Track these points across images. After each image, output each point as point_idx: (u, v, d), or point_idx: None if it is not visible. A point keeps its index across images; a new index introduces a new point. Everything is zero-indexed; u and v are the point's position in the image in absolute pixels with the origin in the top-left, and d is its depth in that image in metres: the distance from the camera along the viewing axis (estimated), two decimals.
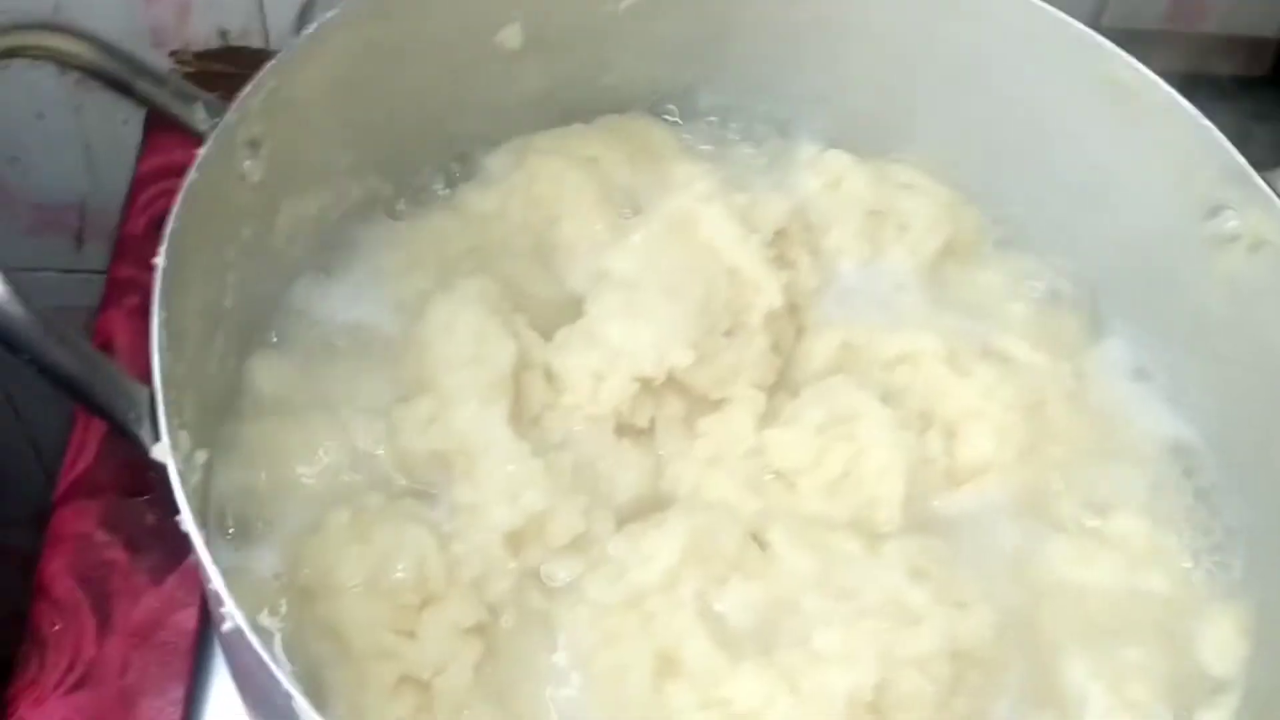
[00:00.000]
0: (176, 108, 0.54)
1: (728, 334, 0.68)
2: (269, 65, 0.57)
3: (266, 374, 0.64)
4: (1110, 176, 0.70)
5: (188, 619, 0.72)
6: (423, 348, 0.64)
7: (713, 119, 0.79)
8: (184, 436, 0.50)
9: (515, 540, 0.60)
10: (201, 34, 1.08)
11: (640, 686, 0.56)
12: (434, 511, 0.61)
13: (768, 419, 0.67)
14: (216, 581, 0.43)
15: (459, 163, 0.75)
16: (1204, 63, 1.05)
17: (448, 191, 0.74)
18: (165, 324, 0.48)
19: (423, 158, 0.73)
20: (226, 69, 1.07)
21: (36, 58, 0.48)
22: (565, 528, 0.60)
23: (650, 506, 0.65)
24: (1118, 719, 0.59)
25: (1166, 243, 0.68)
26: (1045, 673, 0.61)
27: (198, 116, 0.55)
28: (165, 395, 0.46)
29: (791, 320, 0.71)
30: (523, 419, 0.64)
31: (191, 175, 0.53)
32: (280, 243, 0.65)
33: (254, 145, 0.58)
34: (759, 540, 0.62)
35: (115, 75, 0.51)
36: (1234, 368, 0.66)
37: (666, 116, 0.79)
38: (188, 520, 0.45)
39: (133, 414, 0.46)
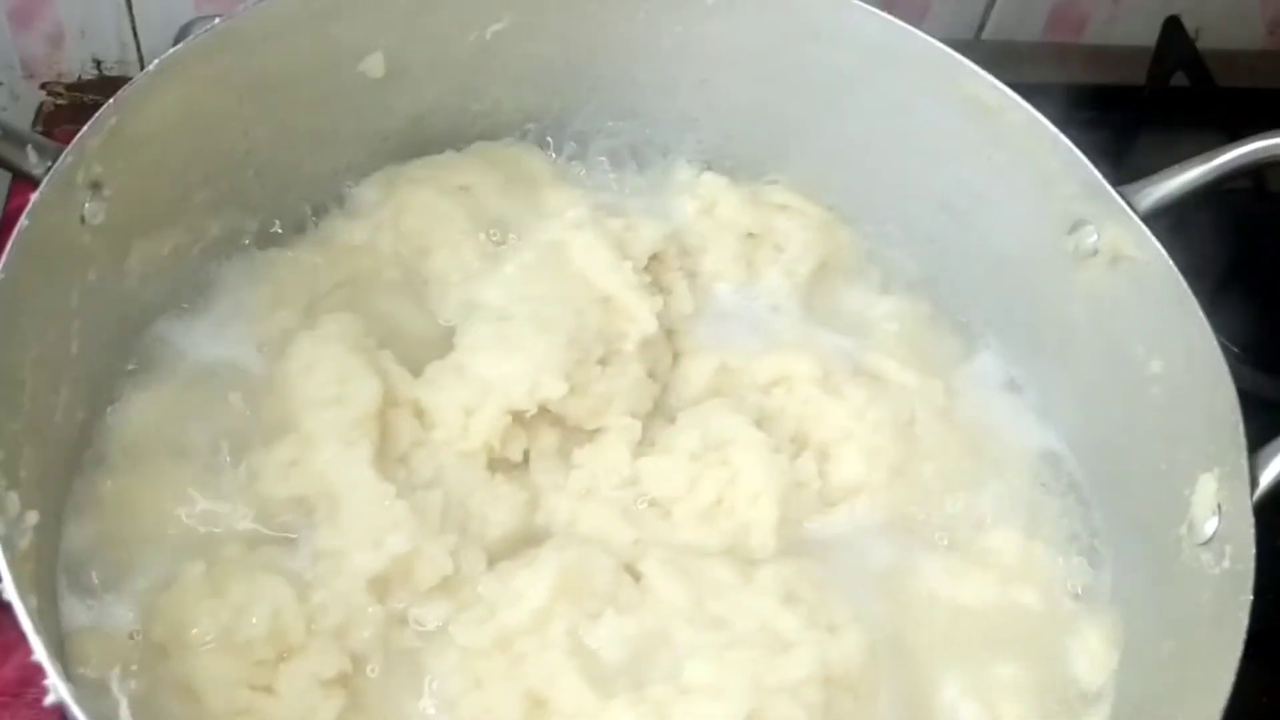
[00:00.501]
0: (6, 151, 0.52)
1: (602, 363, 0.67)
2: (109, 103, 0.55)
3: (120, 423, 0.62)
4: (976, 194, 0.71)
5: None
6: (284, 389, 0.63)
7: (586, 144, 0.79)
8: (12, 498, 0.48)
9: (379, 585, 0.59)
10: (75, 64, 1.05)
11: None
12: (295, 559, 0.59)
13: (644, 447, 0.67)
14: (39, 652, 0.41)
15: (326, 195, 0.73)
16: (1084, 73, 1.07)
17: (314, 224, 0.73)
18: None
19: (287, 191, 0.71)
20: (100, 99, 1.04)
21: None
22: (433, 570, 0.59)
23: (524, 542, 0.64)
24: None
25: (1032, 258, 0.69)
26: (918, 694, 0.61)
27: (30, 160, 0.53)
28: None
29: (667, 346, 0.71)
30: (390, 458, 0.63)
31: (23, 222, 0.51)
32: (133, 284, 0.63)
33: (96, 186, 0.56)
34: (633, 572, 0.62)
35: None
36: (1096, 379, 0.67)
37: (539, 143, 0.78)
38: (9, 589, 0.43)
39: None
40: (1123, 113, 1.03)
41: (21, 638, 0.74)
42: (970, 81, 0.67)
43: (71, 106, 1.07)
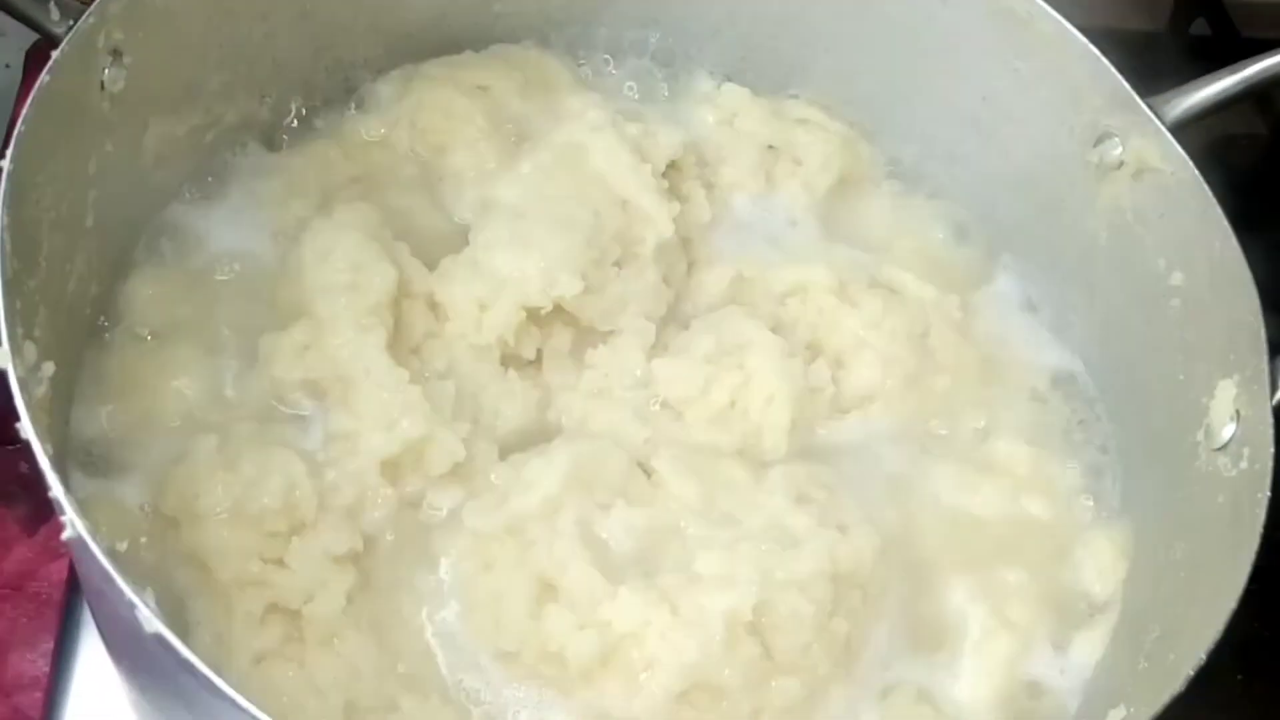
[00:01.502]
0: (28, 7, 0.51)
1: (617, 265, 0.66)
2: None
3: (134, 300, 0.62)
4: (1001, 108, 0.70)
5: (59, 570, 0.70)
6: (298, 274, 0.62)
7: (607, 51, 0.78)
8: (30, 348, 0.47)
9: (392, 468, 0.58)
10: None
11: (519, 610, 0.55)
12: (308, 440, 0.59)
13: (657, 350, 0.66)
14: (55, 488, 0.41)
15: (343, 88, 0.73)
16: (1104, 17, 1.06)
17: (331, 118, 0.72)
18: (9, 229, 0.46)
19: (304, 82, 0.71)
20: None
21: None
22: (445, 455, 0.59)
23: (536, 438, 0.63)
24: (997, 639, 0.59)
25: (1055, 173, 0.69)
26: (926, 596, 0.61)
27: (50, 17, 0.52)
28: (7, 302, 0.44)
29: (683, 253, 0.71)
30: (403, 348, 0.62)
31: (44, 78, 0.50)
32: (149, 163, 0.62)
33: (116, 54, 0.55)
34: (644, 468, 0.62)
35: None
36: (1114, 295, 0.67)
37: (559, 47, 0.77)
38: (27, 426, 0.42)
39: None
40: (1142, 59, 1.02)
41: (20, 533, 0.74)
42: None
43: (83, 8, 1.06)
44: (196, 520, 0.54)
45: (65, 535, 0.41)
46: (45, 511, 0.73)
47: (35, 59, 0.98)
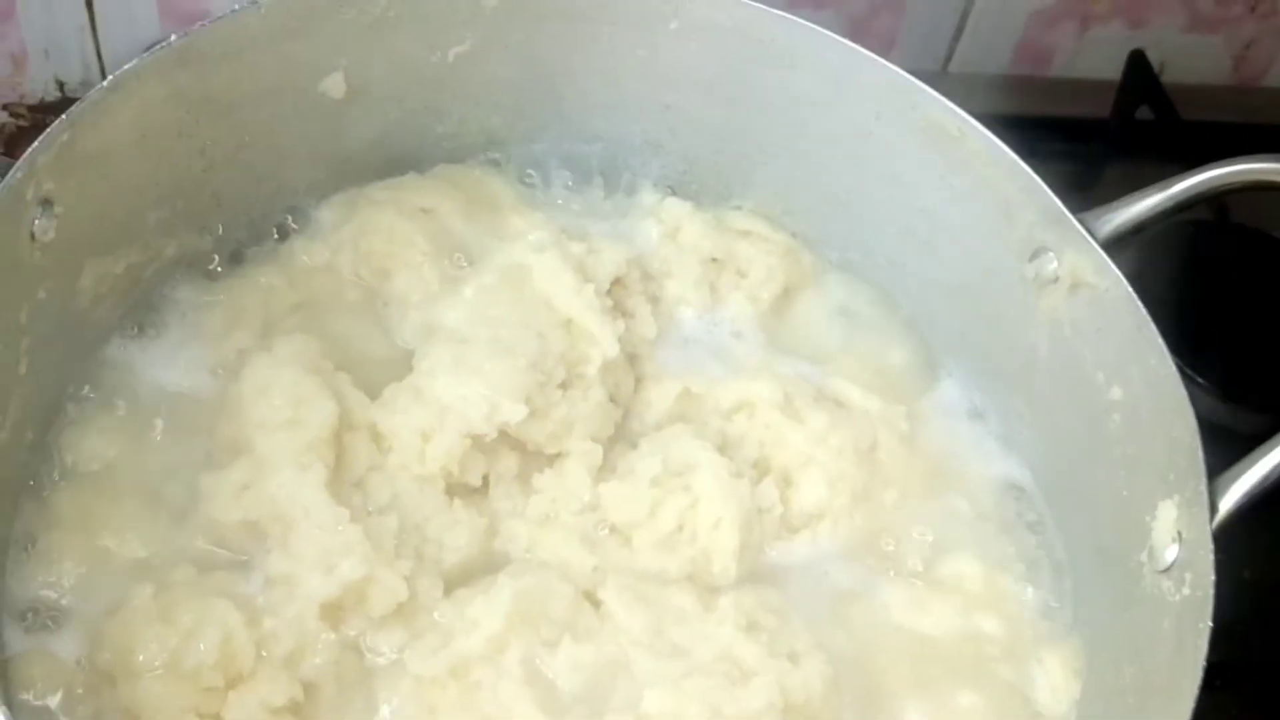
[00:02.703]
0: None
1: (563, 386, 0.66)
2: (60, 119, 0.55)
3: (70, 446, 0.61)
4: (938, 220, 0.71)
5: None
6: (237, 411, 0.62)
7: (549, 168, 0.78)
8: None
9: (332, 612, 0.58)
10: (38, 85, 1.04)
11: None
12: (247, 584, 0.58)
13: (604, 472, 0.66)
14: None
15: (285, 216, 0.73)
16: (1051, 106, 1.08)
17: (273, 245, 0.72)
18: None
19: (245, 212, 0.71)
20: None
21: None
22: (387, 596, 0.58)
23: (482, 568, 0.63)
24: None
25: (993, 284, 0.69)
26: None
27: None
28: None
29: (630, 370, 0.71)
30: (345, 482, 0.62)
31: None
32: (85, 304, 0.62)
33: (46, 203, 0.55)
34: (592, 599, 0.61)
35: None
36: (1057, 406, 0.67)
37: (503, 166, 0.77)
38: None
39: None
40: (1089, 145, 1.04)
41: None
42: (931, 108, 0.67)
43: (34, 128, 1.06)
44: (132, 676, 0.53)
45: None
46: None
47: None
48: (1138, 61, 1.09)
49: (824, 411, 0.68)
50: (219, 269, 0.70)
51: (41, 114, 1.07)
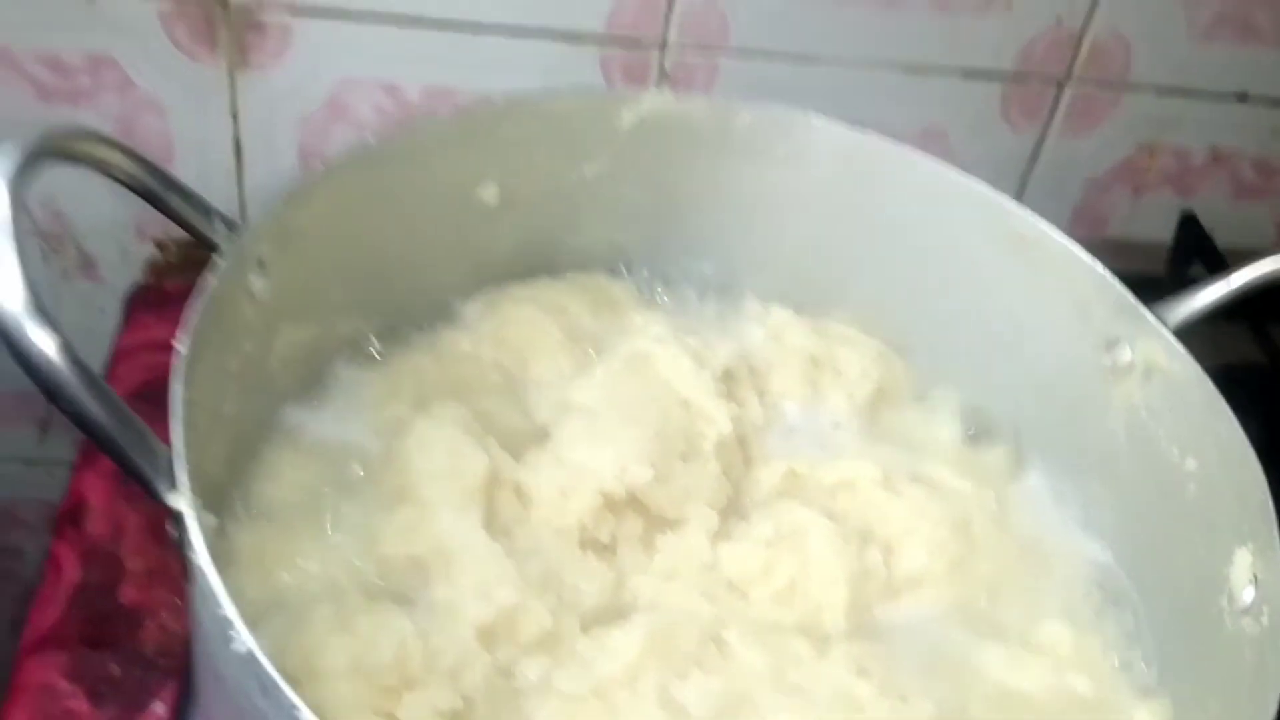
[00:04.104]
0: (197, 221, 0.60)
1: (682, 458, 0.74)
2: (281, 195, 0.64)
3: (255, 487, 0.68)
4: (1020, 322, 0.79)
5: None
6: (401, 462, 0.70)
7: (667, 278, 0.88)
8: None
9: (488, 635, 0.63)
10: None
11: None
12: (412, 611, 0.65)
13: (720, 536, 0.73)
14: (227, 607, 0.47)
15: (438, 308, 0.82)
16: (1107, 264, 1.18)
17: (425, 334, 0.81)
18: (185, 403, 0.53)
19: (404, 302, 0.80)
20: (207, 256, 1.16)
21: (83, 162, 0.55)
22: (535, 624, 0.64)
23: (613, 615, 0.69)
24: None
25: (1073, 378, 0.76)
26: None
27: (216, 231, 0.61)
28: (186, 454, 0.51)
29: (740, 451, 0.78)
30: (495, 529, 0.69)
31: (210, 280, 0.59)
32: (275, 365, 0.70)
33: (262, 265, 0.64)
34: (716, 640, 0.67)
35: (148, 187, 0.58)
36: (1136, 484, 0.73)
37: (625, 275, 0.87)
38: (203, 557, 0.49)
39: (151, 468, 0.51)
40: (1143, 299, 1.11)
41: None
42: (1012, 219, 0.76)
43: (181, 262, 1.18)
44: (316, 677, 0.59)
45: (234, 646, 0.46)
46: (132, 710, 0.79)
47: (135, 303, 1.09)
48: (1189, 222, 1.19)
49: (920, 489, 0.75)
50: (379, 351, 0.79)
51: (189, 249, 1.19)
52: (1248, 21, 1.15)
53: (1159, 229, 1.24)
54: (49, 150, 0.52)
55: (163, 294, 1.13)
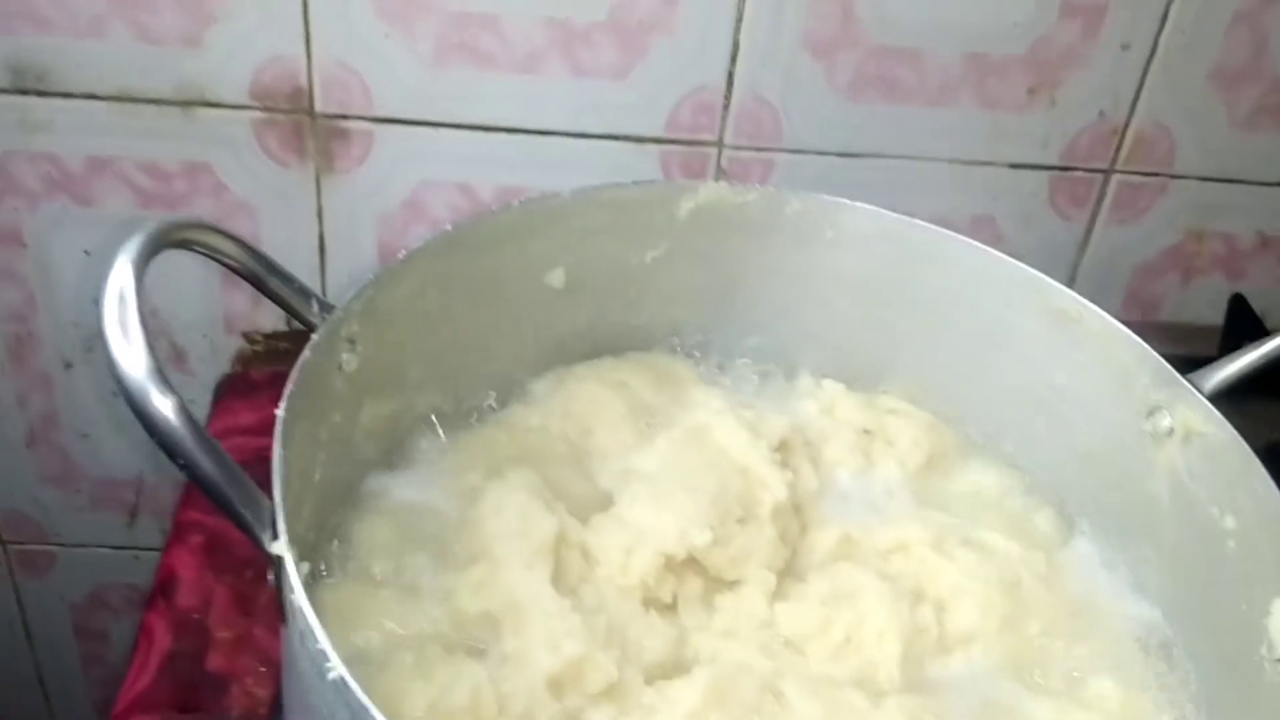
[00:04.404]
0: (297, 303, 0.66)
1: (740, 522, 0.78)
2: (371, 278, 0.71)
3: (340, 545, 0.73)
4: (1063, 392, 0.82)
5: None
6: (476, 525, 0.74)
7: (723, 356, 0.93)
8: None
9: (556, 684, 0.67)
10: (270, 320, 1.23)
11: None
12: (485, 662, 0.69)
13: (777, 597, 0.76)
14: (323, 640, 0.51)
15: (509, 386, 0.87)
16: (1160, 346, 1.21)
17: (496, 410, 0.87)
18: (283, 461, 0.59)
19: (477, 380, 0.85)
20: (290, 347, 1.23)
21: (197, 248, 0.61)
22: (601, 675, 0.68)
23: (674, 669, 0.72)
24: None
25: (1116, 445, 0.80)
26: None
27: (313, 311, 0.67)
28: (284, 505, 0.56)
29: (796, 517, 0.82)
30: (562, 588, 0.73)
31: (306, 354, 0.65)
32: (359, 437, 0.76)
33: (351, 342, 0.70)
34: (774, 692, 0.70)
35: (253, 272, 0.64)
36: (1180, 545, 0.75)
37: (683, 353, 0.92)
38: (301, 596, 0.53)
39: (256, 520, 0.56)
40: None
41: None
42: (1054, 296, 0.80)
43: (267, 352, 1.26)
44: (397, 719, 0.63)
45: (331, 676, 0.51)
46: None
47: (224, 391, 1.16)
48: (1239, 303, 1.21)
49: (971, 551, 0.78)
50: (452, 426, 0.85)
51: (275, 340, 1.26)
52: None
53: (1210, 313, 1.27)
54: (167, 238, 0.59)
55: (249, 382, 1.20)
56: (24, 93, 1.09)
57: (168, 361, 1.28)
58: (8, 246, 1.17)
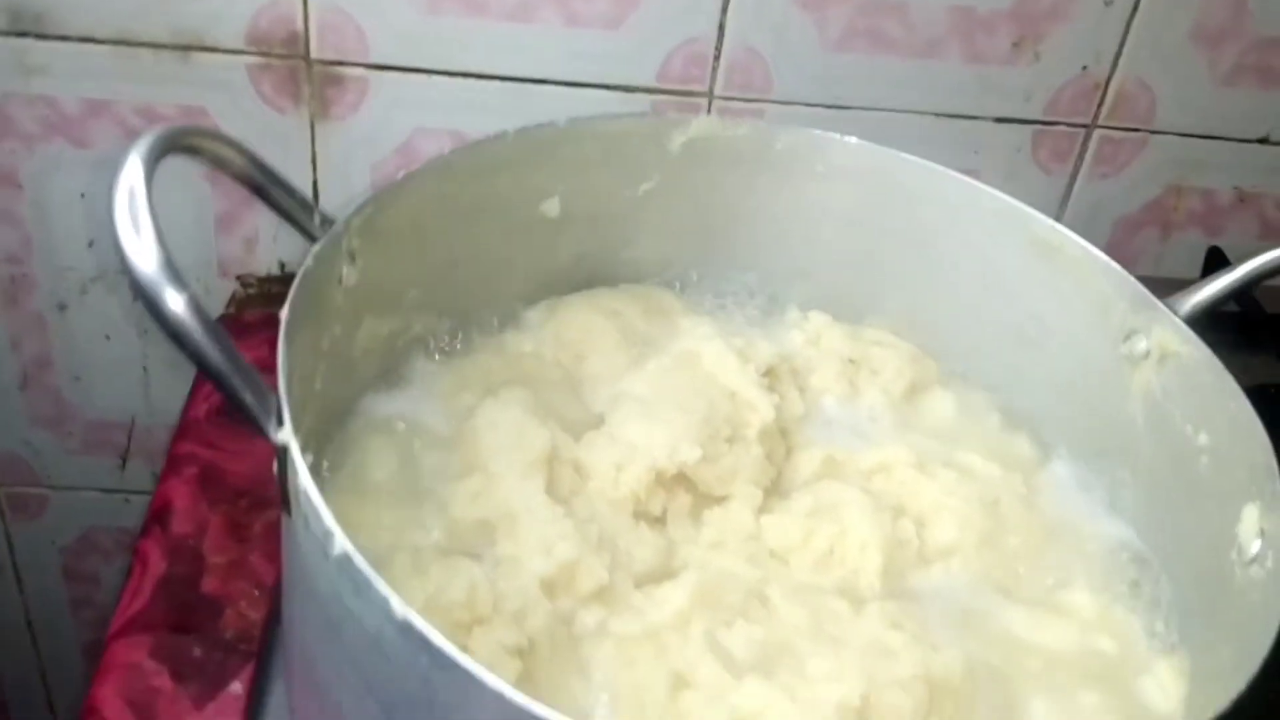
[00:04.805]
0: (298, 215, 0.68)
1: (728, 441, 0.80)
2: (369, 195, 0.72)
3: (339, 460, 0.75)
4: (1044, 321, 0.85)
5: None
6: (471, 439, 0.76)
7: (713, 290, 0.95)
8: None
9: (549, 586, 0.69)
10: (264, 264, 1.25)
11: (659, 696, 0.64)
12: (480, 565, 0.71)
13: (764, 511, 0.78)
14: (326, 518, 0.53)
15: (503, 314, 0.89)
16: None
17: (491, 337, 0.88)
18: (286, 358, 0.60)
19: (473, 307, 0.87)
20: (283, 290, 1.24)
21: (203, 155, 0.63)
22: (592, 578, 0.70)
23: (663, 576, 0.74)
24: None
25: (1094, 369, 0.82)
26: (1011, 709, 0.69)
27: (314, 224, 0.69)
28: (289, 396, 0.58)
29: (782, 440, 0.84)
30: (555, 499, 0.75)
31: (308, 262, 0.66)
32: (357, 354, 0.78)
33: (352, 256, 0.72)
34: (759, 597, 0.72)
35: (257, 182, 0.66)
36: (1155, 465, 0.78)
37: (674, 286, 0.94)
38: (305, 478, 0.55)
39: (262, 410, 0.58)
40: None
41: (192, 707, 0.85)
42: (1035, 226, 0.83)
43: (261, 295, 1.27)
44: None
45: (334, 552, 0.52)
46: (213, 690, 0.86)
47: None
48: (1215, 255, 1.24)
49: (952, 472, 0.81)
50: (447, 349, 0.86)
51: (268, 284, 1.28)
52: (1267, 68, 1.21)
53: (1188, 268, 1.29)
54: (176, 142, 0.60)
55: (243, 324, 1.22)
56: (21, 35, 1.10)
57: None
58: (4, 188, 1.18)
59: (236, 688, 0.87)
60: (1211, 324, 1.16)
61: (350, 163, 1.18)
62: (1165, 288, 1.22)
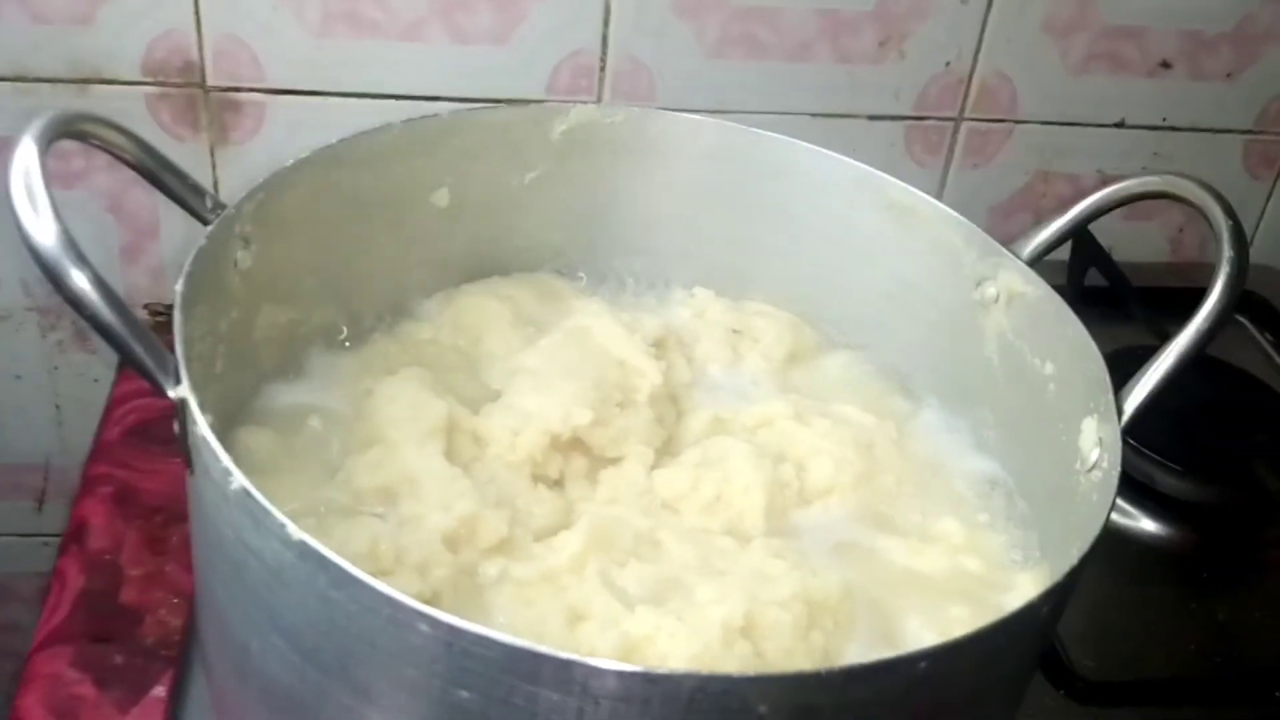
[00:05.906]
0: (191, 199, 0.72)
1: (620, 406, 0.84)
2: (260, 182, 0.76)
3: (240, 443, 0.78)
4: (905, 280, 0.91)
5: None
6: (370, 415, 0.80)
7: (602, 276, 1.00)
8: None
9: (451, 540, 0.73)
10: (171, 293, 1.27)
11: (557, 628, 0.68)
12: (384, 524, 0.74)
13: (655, 468, 0.83)
14: (224, 459, 0.57)
15: (398, 306, 0.93)
16: None
17: (389, 326, 0.92)
18: (183, 337, 0.64)
19: (369, 298, 0.91)
20: None
21: (97, 143, 0.67)
22: (492, 532, 0.74)
23: (560, 531, 0.78)
24: None
25: (953, 321, 0.88)
26: (887, 626, 0.74)
27: (206, 207, 0.73)
28: (185, 357, 0.61)
29: (672, 405, 0.89)
30: (454, 464, 0.79)
31: (201, 242, 0.70)
32: (257, 339, 0.81)
33: (245, 240, 0.75)
34: (650, 541, 0.77)
35: (148, 168, 0.69)
36: (1011, 401, 0.84)
37: (565, 272, 0.99)
38: (204, 427, 0.59)
39: (161, 371, 0.61)
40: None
41: (115, 712, 0.87)
42: (889, 189, 0.89)
43: (169, 323, 1.29)
44: None
45: (232, 487, 0.56)
46: (136, 694, 0.88)
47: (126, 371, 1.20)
48: (1084, 235, 1.31)
49: (829, 421, 0.86)
50: (346, 341, 0.90)
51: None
52: (1116, 55, 1.30)
53: (1060, 250, 1.36)
54: (68, 126, 0.64)
55: None
56: None
57: (71, 341, 1.30)
58: None
59: (159, 691, 0.89)
60: (1082, 298, 1.25)
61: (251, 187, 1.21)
62: (1041, 271, 1.30)
